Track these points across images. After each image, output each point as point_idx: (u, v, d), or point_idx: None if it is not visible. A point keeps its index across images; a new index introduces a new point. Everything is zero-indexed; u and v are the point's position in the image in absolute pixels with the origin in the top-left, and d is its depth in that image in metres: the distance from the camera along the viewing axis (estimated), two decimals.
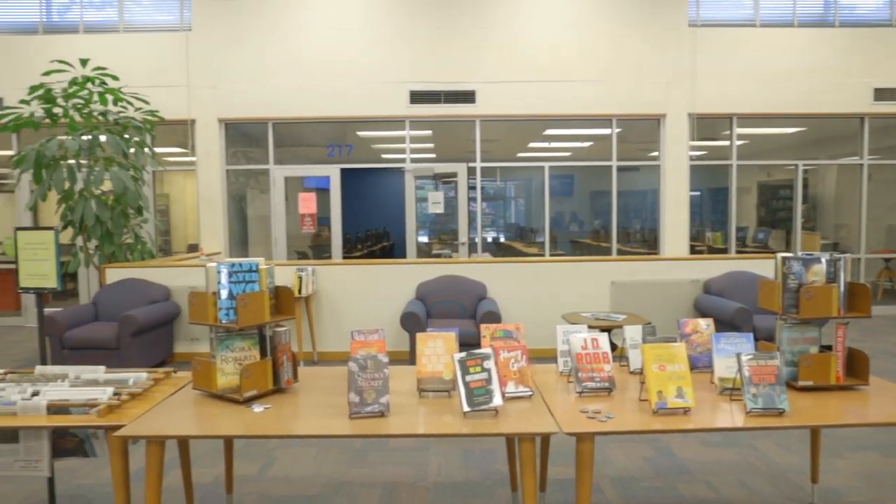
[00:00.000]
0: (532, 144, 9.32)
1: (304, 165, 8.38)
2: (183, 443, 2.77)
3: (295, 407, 2.25)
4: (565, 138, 9.18)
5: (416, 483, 3.24)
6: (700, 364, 2.59)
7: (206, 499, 3.10)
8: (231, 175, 8.38)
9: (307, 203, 8.09)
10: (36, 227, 2.76)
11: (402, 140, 8.36)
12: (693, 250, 8.58)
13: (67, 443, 2.31)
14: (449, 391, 2.33)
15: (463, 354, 2.13)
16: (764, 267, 6.10)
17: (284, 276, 5.89)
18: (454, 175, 8.03)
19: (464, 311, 5.69)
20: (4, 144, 8.42)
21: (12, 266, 8.41)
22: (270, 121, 8.18)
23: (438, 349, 2.32)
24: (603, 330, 2.52)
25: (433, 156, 9.19)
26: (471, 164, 8.26)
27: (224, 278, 2.26)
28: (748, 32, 8.17)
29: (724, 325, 5.19)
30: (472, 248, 8.33)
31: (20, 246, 2.81)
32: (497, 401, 2.09)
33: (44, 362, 3.07)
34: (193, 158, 8.21)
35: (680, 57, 8.13)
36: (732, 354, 2.32)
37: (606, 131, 8.43)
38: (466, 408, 2.07)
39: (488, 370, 2.12)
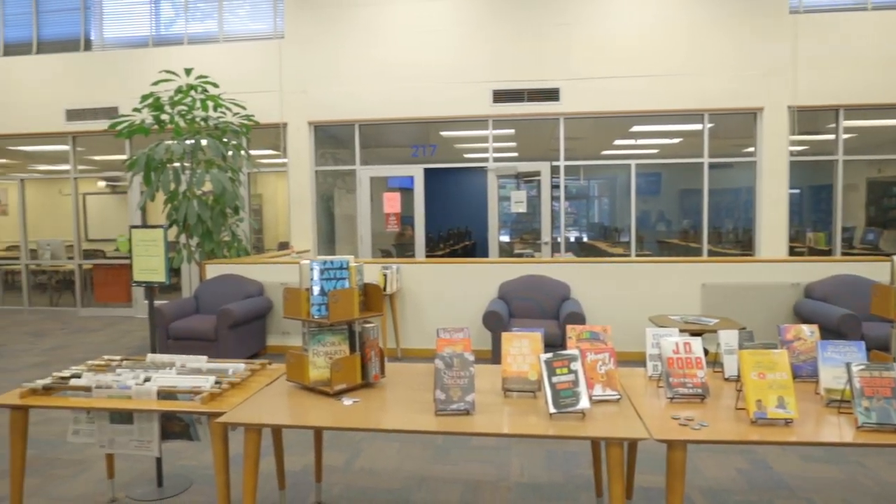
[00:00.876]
0: (618, 142, 9.08)
1: (389, 166, 8.56)
2: (276, 431, 2.91)
3: (382, 401, 2.31)
4: (653, 135, 8.87)
5: (498, 482, 3.24)
6: (803, 373, 2.44)
7: (296, 485, 3.23)
8: (319, 176, 8.69)
9: (392, 202, 8.27)
10: (148, 226, 2.97)
11: (485, 139, 8.38)
12: (792, 252, 8.06)
13: (174, 426, 2.49)
14: (534, 392, 2.31)
15: (549, 355, 2.11)
16: (875, 270, 5.64)
17: (370, 273, 6.04)
18: (537, 174, 7.95)
19: (546, 312, 5.62)
20: (118, 150, 9.14)
21: (125, 261, 9.12)
22: (357, 123, 8.42)
23: (524, 349, 2.30)
24: (694, 334, 2.41)
25: (516, 154, 9.14)
26: (554, 163, 8.15)
27: (316, 275, 2.35)
28: (859, 17, 7.58)
29: (829, 332, 4.84)
30: (554, 247, 8.22)
31: (134, 242, 3.05)
32: (584, 403, 2.06)
33: (154, 351, 3.31)
34: (285, 160, 8.58)
35: (780, 46, 7.66)
36: (841, 364, 2.16)
37: (697, 126, 8.07)
38: (553, 409, 2.04)
39: (575, 372, 2.09)
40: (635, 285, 5.83)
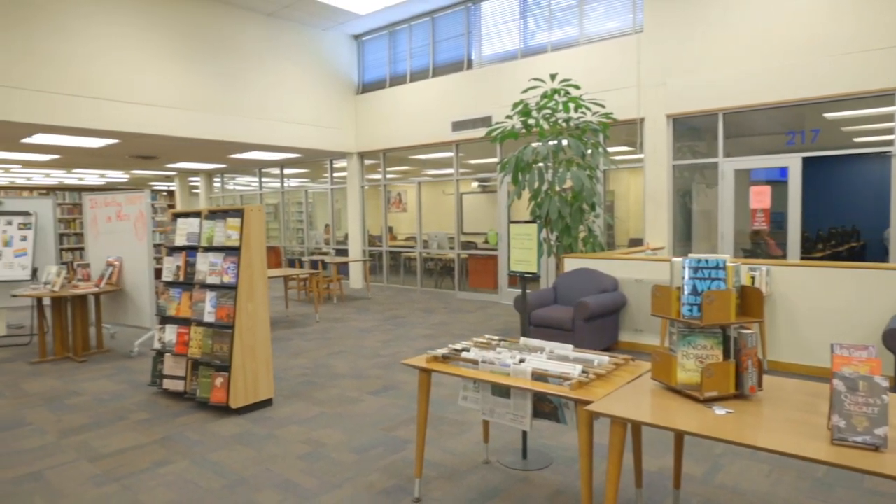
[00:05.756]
0: None
1: (756, 156, 7.70)
2: (636, 428, 2.91)
3: (759, 417, 2.09)
4: None
5: None
6: None
7: (652, 486, 3.18)
8: (676, 170, 8.34)
9: (760, 197, 7.43)
10: (523, 221, 3.29)
11: (887, 118, 6.85)
12: None
13: (545, 407, 2.70)
14: None
15: None
16: None
17: None
18: None
19: None
20: (489, 153, 10.33)
21: (493, 253, 10.28)
22: (720, 112, 7.80)
23: None
24: None
25: None
26: None
27: (688, 274, 2.26)
28: None
29: None
30: None
31: (512, 236, 3.41)
32: None
33: (524, 335, 3.64)
34: (640, 156, 8.48)
35: None
36: None
37: None
38: None
39: None
40: None
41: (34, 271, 7.20)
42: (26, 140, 9.51)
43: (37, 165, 14.38)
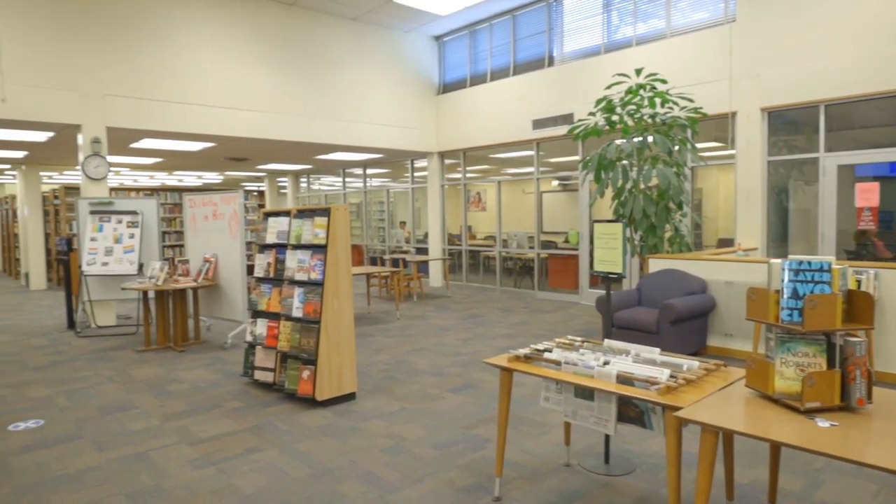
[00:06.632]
0: None
1: (862, 151, 7.15)
2: (728, 437, 2.78)
3: (867, 431, 1.95)
4: None
5: None
6: None
7: (745, 499, 3.03)
8: (771, 166, 7.88)
9: (867, 194, 6.89)
10: (608, 220, 3.21)
11: None
12: None
13: (630, 411, 2.63)
14: None
15: None
16: None
17: None
18: None
19: None
20: (571, 151, 10.15)
21: (574, 252, 10.11)
22: (821, 103, 7.29)
23: None
24: None
25: None
26: None
27: (788, 276, 2.14)
28: None
29: None
30: None
31: (596, 235, 3.34)
32: None
33: (607, 336, 3.56)
34: (731, 152, 8.08)
35: None
36: None
37: None
38: None
39: None
40: None
41: (140, 266, 7.76)
42: (134, 145, 10.26)
43: (142, 168, 15.51)
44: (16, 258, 14.96)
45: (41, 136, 9.09)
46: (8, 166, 14.08)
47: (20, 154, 11.41)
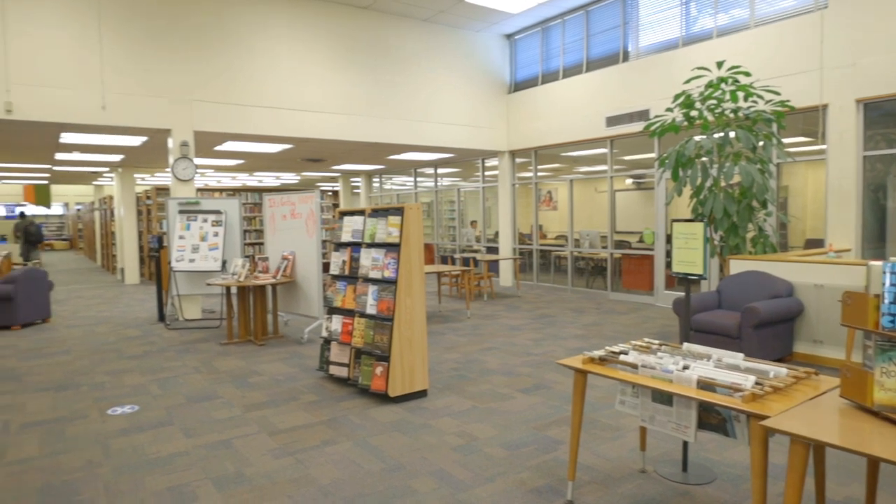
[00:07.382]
0: None
1: None
2: (819, 450, 2.63)
3: None
4: None
5: None
6: None
7: None
8: (867, 162, 7.36)
9: None
10: (689, 219, 3.10)
11: None
12: None
13: (711, 418, 2.53)
14: None
15: None
16: None
17: None
18: None
19: None
20: (647, 149, 9.86)
21: (649, 252, 9.81)
22: None
23: None
24: None
25: None
26: None
27: (890, 280, 1.99)
28: None
29: None
30: None
31: (675, 235, 3.23)
32: None
33: (685, 340, 3.44)
34: (821, 147, 7.60)
35: None
36: None
37: None
38: None
39: None
40: None
41: (224, 263, 8.15)
42: (218, 147, 10.79)
43: (225, 170, 16.29)
44: (112, 254, 16.05)
45: (136, 141, 9.72)
46: (107, 169, 15.12)
47: (117, 157, 12.24)
